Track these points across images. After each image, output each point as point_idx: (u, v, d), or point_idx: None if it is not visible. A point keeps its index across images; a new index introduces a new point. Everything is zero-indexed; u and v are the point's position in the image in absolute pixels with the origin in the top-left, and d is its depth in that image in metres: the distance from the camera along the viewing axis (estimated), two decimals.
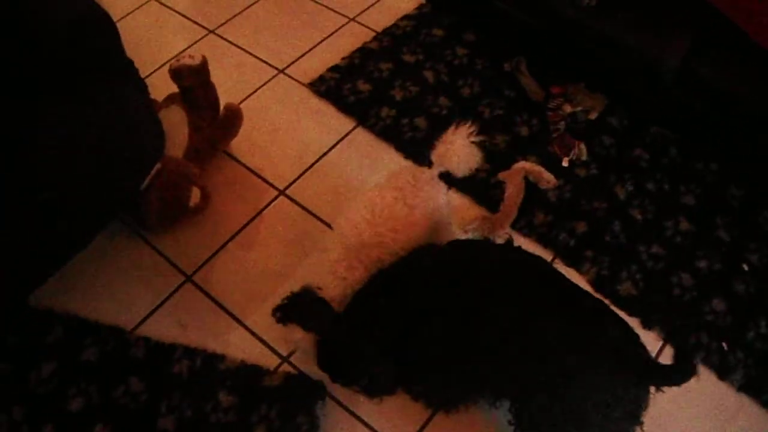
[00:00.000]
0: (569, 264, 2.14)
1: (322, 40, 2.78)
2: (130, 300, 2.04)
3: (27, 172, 1.72)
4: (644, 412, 1.56)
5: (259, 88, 2.60)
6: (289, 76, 2.65)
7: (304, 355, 1.88)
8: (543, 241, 2.19)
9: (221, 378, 1.88)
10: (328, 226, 2.18)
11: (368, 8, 2.90)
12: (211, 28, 2.82)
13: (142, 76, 2.02)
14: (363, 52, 2.74)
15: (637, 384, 1.53)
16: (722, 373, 1.97)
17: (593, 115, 2.49)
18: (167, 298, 2.05)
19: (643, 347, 1.57)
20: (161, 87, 2.22)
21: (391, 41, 2.78)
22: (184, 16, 2.87)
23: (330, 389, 1.87)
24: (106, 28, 1.91)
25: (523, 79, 2.55)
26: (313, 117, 2.52)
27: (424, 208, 1.83)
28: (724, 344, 2.02)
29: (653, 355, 1.96)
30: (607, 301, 1.85)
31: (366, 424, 1.86)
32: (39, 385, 1.86)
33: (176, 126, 2.22)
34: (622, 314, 1.63)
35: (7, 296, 1.91)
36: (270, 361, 1.93)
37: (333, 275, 1.76)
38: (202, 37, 2.79)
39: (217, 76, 2.24)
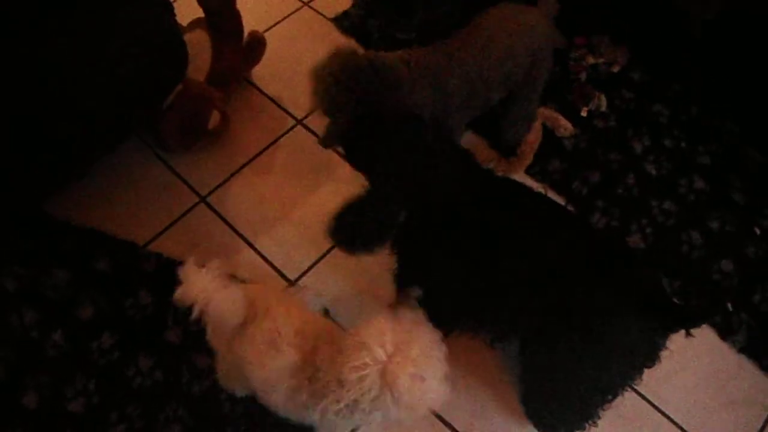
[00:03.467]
0: (580, 213, 2.14)
1: None
2: (144, 217, 2.07)
3: (44, 84, 1.74)
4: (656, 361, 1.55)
5: (284, 18, 2.60)
6: (314, 9, 2.64)
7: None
8: (556, 187, 2.19)
9: None
10: (344, 158, 2.17)
11: None
12: None
13: None
14: None
15: (663, 330, 1.48)
16: (724, 334, 1.98)
17: (615, 68, 2.48)
18: (180, 217, 2.08)
19: (667, 293, 1.54)
20: (187, 11, 2.23)
21: None
22: None
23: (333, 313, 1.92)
24: None
25: None
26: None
27: None
28: (729, 305, 2.03)
29: None
30: None
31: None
32: (51, 291, 1.90)
33: (200, 50, 2.23)
34: None
35: (21, 201, 1.95)
36: (276, 285, 1.96)
37: None
38: None
39: (243, 3, 2.23)
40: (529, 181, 2.20)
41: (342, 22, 2.60)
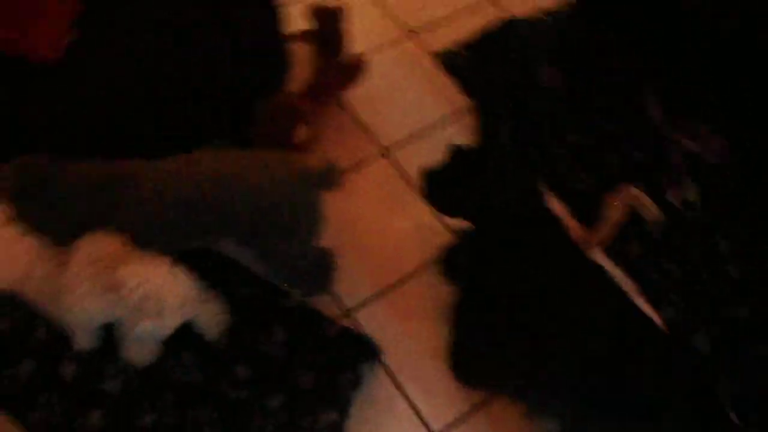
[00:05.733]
0: (650, 301, 2.05)
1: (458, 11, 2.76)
2: None
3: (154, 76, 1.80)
4: None
5: (385, 45, 2.59)
6: (418, 41, 2.63)
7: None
8: (631, 272, 2.10)
9: (280, 313, 1.90)
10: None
11: None
12: None
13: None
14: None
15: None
16: None
17: (712, 159, 2.39)
18: None
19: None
20: (296, 22, 2.22)
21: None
22: None
23: (384, 357, 1.89)
24: None
25: None
26: (432, 86, 2.49)
27: None
28: None
29: None
30: None
31: (407, 398, 1.85)
32: None
33: (299, 62, 2.22)
34: None
35: None
36: (331, 311, 1.95)
37: None
38: None
39: (347, 24, 2.25)
40: (605, 260, 2.12)
41: (445, 59, 2.56)
